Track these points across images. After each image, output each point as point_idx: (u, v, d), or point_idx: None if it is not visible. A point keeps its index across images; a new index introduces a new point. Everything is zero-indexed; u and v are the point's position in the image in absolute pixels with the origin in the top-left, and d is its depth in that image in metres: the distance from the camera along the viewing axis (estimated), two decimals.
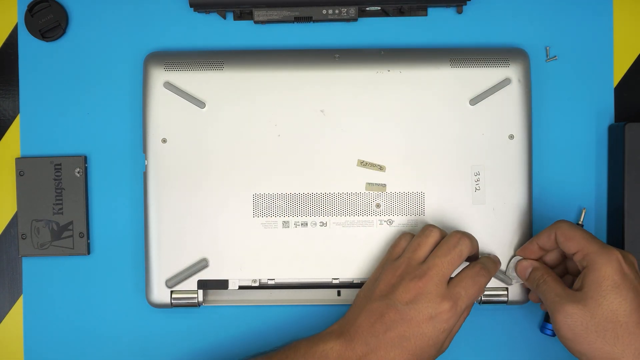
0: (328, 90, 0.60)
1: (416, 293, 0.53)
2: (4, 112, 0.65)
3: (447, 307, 0.53)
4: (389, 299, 0.53)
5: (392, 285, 0.54)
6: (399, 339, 0.52)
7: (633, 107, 0.64)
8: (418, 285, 0.53)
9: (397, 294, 0.53)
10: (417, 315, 0.52)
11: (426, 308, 0.52)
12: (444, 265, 0.54)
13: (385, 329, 0.53)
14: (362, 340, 0.53)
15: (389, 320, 0.53)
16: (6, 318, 0.64)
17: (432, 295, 0.53)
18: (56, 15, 0.63)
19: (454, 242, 0.55)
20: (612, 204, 0.62)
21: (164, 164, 0.61)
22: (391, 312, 0.53)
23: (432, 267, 0.54)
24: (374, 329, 0.53)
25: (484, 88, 0.60)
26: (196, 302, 0.61)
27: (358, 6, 0.62)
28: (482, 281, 0.55)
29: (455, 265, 0.54)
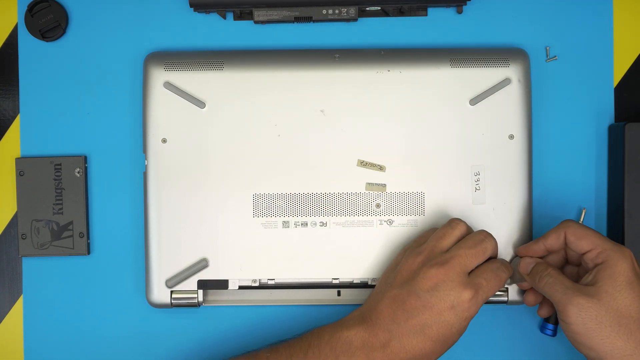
0: (328, 90, 0.60)
1: (437, 280, 0.53)
2: (4, 112, 0.65)
3: (469, 296, 0.52)
4: (410, 286, 0.53)
5: (413, 271, 0.54)
6: (421, 326, 0.52)
7: (633, 107, 0.64)
8: (439, 272, 0.53)
9: (417, 281, 0.53)
10: (438, 303, 0.52)
11: (447, 296, 0.52)
12: (468, 256, 0.54)
13: (407, 316, 0.53)
14: (384, 327, 0.53)
15: (410, 307, 0.53)
16: (6, 318, 0.64)
17: (454, 283, 0.52)
18: (56, 15, 0.63)
19: (480, 238, 0.55)
20: (612, 204, 0.62)
21: (164, 164, 0.61)
22: (412, 299, 0.53)
23: (456, 256, 0.53)
24: (395, 316, 0.53)
25: (484, 88, 0.60)
26: (196, 302, 0.61)
27: (358, 6, 0.62)
28: (503, 276, 0.55)
29: (478, 260, 0.54)
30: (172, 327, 0.64)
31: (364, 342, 0.53)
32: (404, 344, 0.53)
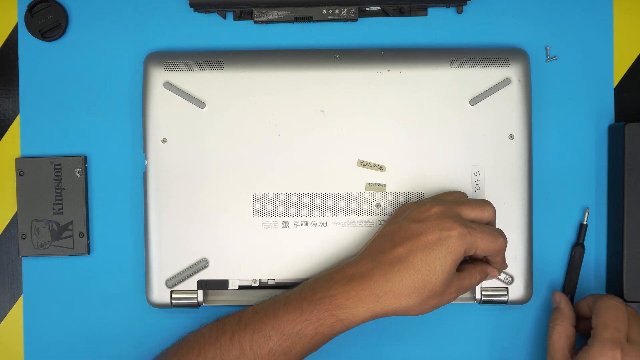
0: (328, 90, 0.60)
1: (431, 213, 0.53)
2: (4, 112, 0.65)
3: (459, 229, 0.52)
4: (402, 219, 0.54)
5: (408, 208, 0.56)
6: (406, 253, 0.52)
7: (633, 107, 0.64)
8: (435, 207, 0.53)
9: (411, 214, 0.54)
10: (427, 230, 0.52)
11: (438, 225, 0.52)
12: (465, 206, 0.54)
13: (394, 244, 0.53)
14: (369, 259, 0.53)
15: (398, 237, 0.53)
16: (6, 318, 0.64)
17: (446, 216, 0.52)
18: (56, 15, 0.63)
19: (482, 201, 0.55)
20: (612, 204, 0.62)
21: (164, 164, 0.61)
22: (402, 229, 0.53)
23: (453, 201, 0.55)
24: (382, 247, 0.53)
25: (484, 88, 0.60)
26: (196, 302, 0.61)
27: (358, 6, 0.62)
28: (500, 242, 0.53)
29: (475, 213, 0.54)
30: (172, 327, 0.64)
31: (343, 275, 0.53)
32: (386, 271, 0.52)
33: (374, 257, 0.53)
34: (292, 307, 0.53)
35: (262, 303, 0.56)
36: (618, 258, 0.61)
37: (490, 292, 0.60)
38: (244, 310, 0.56)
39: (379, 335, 0.64)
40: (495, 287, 0.60)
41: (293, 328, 0.53)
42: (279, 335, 0.53)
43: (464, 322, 0.63)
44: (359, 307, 0.52)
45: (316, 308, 0.52)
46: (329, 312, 0.52)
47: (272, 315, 0.53)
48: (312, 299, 0.53)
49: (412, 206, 0.56)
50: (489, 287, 0.60)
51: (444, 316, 0.63)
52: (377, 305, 0.52)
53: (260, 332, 0.53)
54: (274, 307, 0.54)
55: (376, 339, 0.64)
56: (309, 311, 0.52)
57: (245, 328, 0.54)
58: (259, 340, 0.53)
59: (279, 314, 0.53)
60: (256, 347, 0.53)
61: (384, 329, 0.64)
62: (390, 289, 0.52)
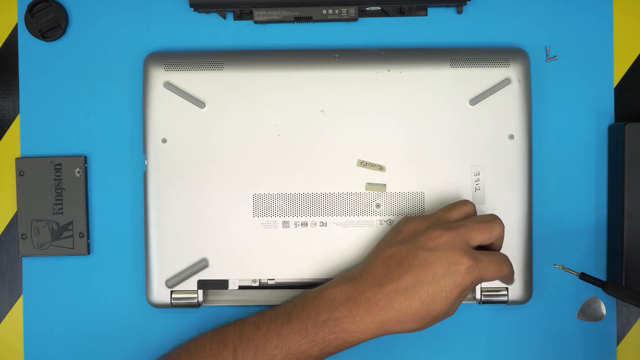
0: (328, 90, 0.60)
1: (440, 242, 0.52)
2: (4, 112, 0.65)
3: (467, 264, 0.52)
4: (411, 244, 0.53)
5: (417, 232, 0.54)
6: (413, 283, 0.52)
7: (633, 107, 0.64)
8: (444, 234, 0.52)
9: (420, 240, 0.53)
10: (436, 263, 0.52)
11: (447, 257, 0.52)
12: (474, 230, 0.53)
13: (402, 272, 0.52)
14: (374, 282, 0.53)
15: (407, 264, 0.52)
16: (6, 318, 0.64)
17: (456, 247, 0.52)
18: (56, 15, 0.63)
19: (490, 218, 0.55)
20: (612, 204, 0.62)
21: (164, 164, 0.61)
22: (410, 256, 0.52)
23: (463, 225, 0.53)
24: (389, 271, 0.53)
25: (484, 88, 0.60)
26: (196, 302, 0.61)
27: (358, 6, 0.62)
28: (504, 268, 0.54)
29: (484, 237, 0.54)
30: (172, 327, 0.64)
31: (348, 297, 0.53)
32: (392, 299, 0.52)
33: (380, 282, 0.53)
34: (297, 328, 0.53)
35: (263, 315, 0.55)
36: (618, 258, 0.61)
37: (490, 292, 0.60)
38: (245, 322, 0.56)
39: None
40: (495, 287, 0.60)
41: (298, 348, 0.53)
42: (284, 355, 0.53)
43: (464, 322, 0.63)
44: (365, 332, 0.53)
45: (322, 330, 0.53)
46: (335, 335, 0.53)
47: (276, 334, 0.53)
48: (317, 321, 0.53)
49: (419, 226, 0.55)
50: (489, 287, 0.60)
51: None
52: (381, 330, 0.53)
53: (264, 350, 0.53)
54: (276, 324, 0.54)
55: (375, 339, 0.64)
56: (314, 333, 0.53)
57: (249, 344, 0.54)
58: (262, 357, 0.53)
59: (283, 332, 0.53)
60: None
61: None
62: (395, 317, 0.52)
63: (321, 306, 0.53)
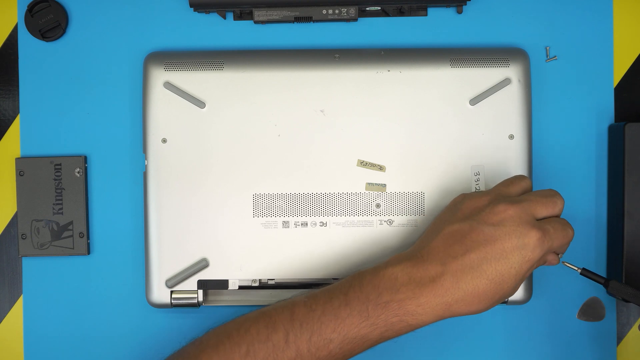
0: (328, 90, 0.60)
1: (505, 216, 0.50)
2: (4, 112, 0.65)
3: (536, 237, 0.49)
4: (473, 220, 0.51)
5: (478, 208, 0.52)
6: (480, 260, 0.49)
7: (633, 107, 0.64)
8: (509, 208, 0.50)
9: (483, 215, 0.50)
10: (502, 238, 0.49)
11: (514, 232, 0.49)
12: (538, 204, 0.51)
13: (465, 249, 0.49)
14: (437, 261, 0.50)
15: (470, 241, 0.50)
16: (6, 318, 0.64)
17: (522, 221, 0.50)
18: (56, 15, 0.63)
19: (552, 193, 0.53)
20: (612, 204, 0.62)
21: (164, 164, 0.61)
22: (474, 233, 0.50)
23: (527, 200, 0.51)
24: (452, 249, 0.50)
25: (484, 88, 0.60)
26: (196, 302, 0.61)
27: (358, 6, 0.62)
28: (570, 232, 0.52)
29: (547, 211, 0.51)
30: (172, 327, 0.64)
31: (411, 278, 0.49)
32: (458, 279, 0.49)
33: (443, 261, 0.50)
34: (357, 310, 0.50)
35: (314, 297, 0.51)
36: (618, 258, 0.61)
37: None
38: (294, 304, 0.52)
39: None
40: None
41: (358, 332, 0.50)
42: (342, 339, 0.50)
43: (463, 322, 0.63)
44: (429, 314, 0.50)
45: (384, 313, 0.49)
46: (398, 318, 0.50)
47: (333, 316, 0.50)
48: (378, 302, 0.49)
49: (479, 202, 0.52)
50: None
51: None
52: (447, 312, 0.50)
53: (319, 335, 0.50)
54: (332, 306, 0.50)
55: None
56: (376, 315, 0.49)
57: (301, 328, 0.50)
58: (317, 342, 0.50)
59: (341, 315, 0.50)
60: (314, 350, 0.50)
61: None
62: (462, 298, 0.49)
63: (381, 287, 0.50)
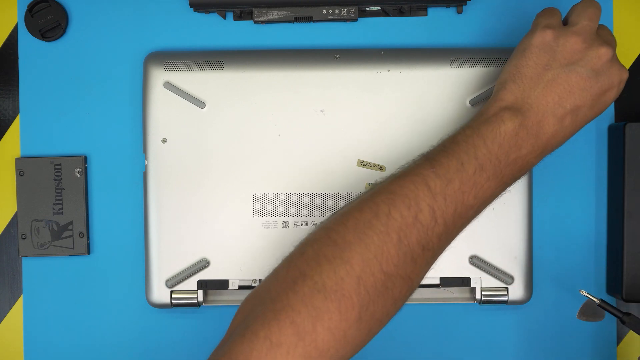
0: (328, 90, 0.60)
1: (607, 58, 0.51)
2: (4, 112, 0.65)
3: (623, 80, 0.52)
4: (579, 66, 0.51)
5: (578, 51, 0.52)
6: (591, 112, 0.52)
7: (633, 107, 0.64)
8: (609, 51, 0.51)
9: (588, 61, 0.51)
10: (608, 85, 0.51)
11: (617, 81, 0.52)
12: (610, 34, 0.54)
13: (575, 102, 0.51)
14: (550, 114, 0.50)
15: (580, 90, 0.51)
16: (6, 318, 0.64)
17: (619, 66, 0.52)
18: (56, 15, 0.63)
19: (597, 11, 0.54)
20: (612, 204, 0.62)
21: (164, 164, 0.61)
22: (583, 81, 0.51)
23: (613, 40, 0.53)
24: (563, 102, 0.51)
25: (484, 88, 0.60)
26: (196, 302, 0.61)
27: (358, 6, 0.62)
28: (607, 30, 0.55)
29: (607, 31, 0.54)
30: (172, 327, 0.64)
31: (528, 131, 0.50)
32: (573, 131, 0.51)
33: (556, 114, 0.50)
34: (492, 173, 0.49)
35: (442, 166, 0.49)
36: (618, 258, 0.61)
37: (490, 292, 0.60)
38: (425, 177, 0.48)
39: (377, 335, 0.64)
40: (495, 287, 0.60)
41: (493, 193, 0.50)
42: (480, 203, 0.49)
43: (464, 322, 0.63)
44: (540, 157, 0.51)
45: (512, 170, 0.50)
46: (521, 172, 0.51)
47: (473, 185, 0.48)
48: (509, 162, 0.49)
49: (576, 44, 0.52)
50: (489, 287, 0.60)
51: (444, 316, 0.63)
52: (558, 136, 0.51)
53: (463, 205, 0.48)
54: (468, 174, 0.48)
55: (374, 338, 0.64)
56: (507, 174, 0.50)
57: (446, 202, 0.48)
58: (461, 212, 0.48)
59: (480, 181, 0.49)
60: (458, 220, 0.48)
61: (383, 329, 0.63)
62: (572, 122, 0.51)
63: (506, 145, 0.49)
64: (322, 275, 0.45)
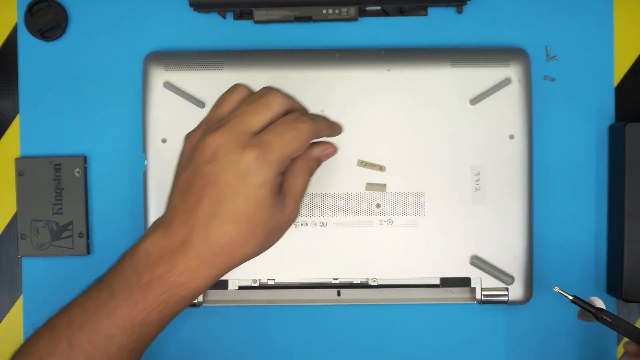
0: (328, 90, 0.60)
1: (215, 148, 0.44)
2: (4, 112, 0.65)
3: (253, 157, 0.43)
4: (192, 164, 0.45)
5: (194, 147, 0.46)
6: (214, 205, 0.44)
7: (633, 107, 0.64)
8: (216, 137, 0.44)
9: (196, 156, 0.45)
10: (221, 174, 0.44)
11: (228, 162, 0.44)
12: (248, 114, 0.45)
13: (197, 200, 0.44)
14: (179, 221, 0.45)
15: (197, 188, 0.44)
16: (6, 318, 0.64)
17: (232, 146, 0.44)
18: (56, 15, 0.63)
19: (262, 93, 0.46)
20: (612, 204, 0.62)
21: (164, 164, 0.60)
22: (197, 178, 0.45)
23: (234, 117, 0.45)
24: (186, 204, 0.45)
25: (484, 88, 0.60)
26: (196, 302, 0.61)
27: (358, 6, 0.62)
28: (302, 127, 0.45)
29: (262, 116, 0.45)
30: (172, 327, 0.64)
31: (163, 248, 0.45)
32: (205, 233, 0.44)
33: (184, 219, 0.45)
34: (123, 299, 0.46)
35: (88, 293, 0.48)
36: (618, 258, 0.61)
37: (490, 292, 0.60)
38: (72, 305, 0.48)
39: (377, 336, 0.64)
40: (495, 287, 0.60)
41: (133, 320, 0.45)
42: (123, 332, 0.46)
43: (464, 322, 0.63)
44: (197, 279, 0.45)
45: (150, 293, 0.45)
46: (167, 294, 0.45)
47: (105, 313, 0.46)
48: (140, 285, 0.45)
49: (194, 138, 0.47)
50: (489, 287, 0.60)
51: (444, 316, 0.63)
52: (215, 269, 0.45)
53: (97, 334, 0.46)
54: (101, 301, 0.46)
55: (374, 339, 0.64)
56: (144, 299, 0.45)
57: (80, 331, 0.47)
58: (99, 341, 0.46)
59: (110, 308, 0.46)
60: (101, 348, 0.46)
61: (382, 329, 0.64)
62: (220, 249, 0.45)
63: (139, 267, 0.45)
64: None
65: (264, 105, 0.45)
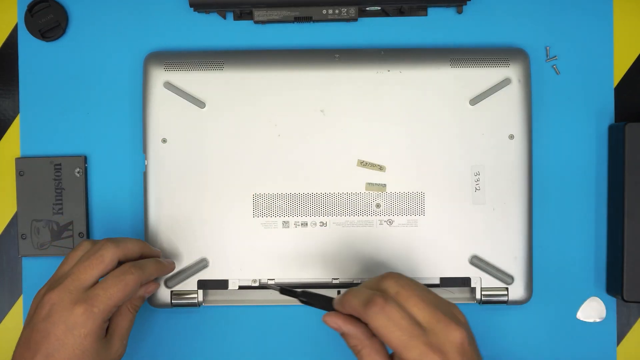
0: (328, 90, 0.60)
1: (51, 305, 0.50)
2: (4, 112, 0.65)
3: (80, 311, 0.50)
4: (31, 321, 0.51)
5: (33, 307, 0.52)
6: (45, 358, 0.49)
7: (633, 107, 0.64)
8: (53, 295, 0.50)
9: (36, 314, 0.51)
10: (53, 329, 0.50)
11: (60, 318, 0.50)
12: (82, 270, 0.51)
13: (32, 354, 0.50)
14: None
15: (34, 343, 0.50)
16: (6, 318, 0.64)
17: (65, 302, 0.50)
18: (56, 15, 0.63)
19: (97, 247, 0.53)
20: (612, 205, 0.62)
21: (164, 164, 0.61)
22: (34, 334, 0.50)
23: (70, 274, 0.52)
24: (24, 359, 0.50)
25: (484, 88, 0.60)
26: (196, 302, 0.61)
27: (358, 6, 0.62)
28: (129, 279, 0.52)
29: (96, 271, 0.51)
30: (172, 327, 0.64)
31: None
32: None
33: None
34: None
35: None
36: (618, 258, 0.61)
37: (490, 292, 0.60)
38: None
39: None
40: (495, 287, 0.60)
41: None
42: None
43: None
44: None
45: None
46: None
47: None
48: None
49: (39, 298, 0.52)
50: (489, 287, 0.60)
51: None
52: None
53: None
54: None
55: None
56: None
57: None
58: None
59: None
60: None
61: None
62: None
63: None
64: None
65: (97, 259, 0.52)
